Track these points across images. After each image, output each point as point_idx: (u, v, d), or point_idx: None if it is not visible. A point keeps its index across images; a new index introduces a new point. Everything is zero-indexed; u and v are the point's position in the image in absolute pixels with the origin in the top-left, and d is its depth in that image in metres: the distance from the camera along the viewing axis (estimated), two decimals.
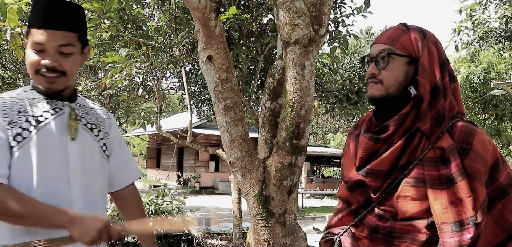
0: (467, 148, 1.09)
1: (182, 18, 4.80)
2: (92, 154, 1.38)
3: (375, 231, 1.18)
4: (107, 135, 1.47)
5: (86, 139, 1.36)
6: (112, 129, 1.51)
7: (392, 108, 1.19)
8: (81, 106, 1.42)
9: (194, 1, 2.04)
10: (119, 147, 1.53)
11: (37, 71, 1.29)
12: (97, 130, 1.42)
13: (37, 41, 1.28)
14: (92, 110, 1.47)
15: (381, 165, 1.16)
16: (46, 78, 1.30)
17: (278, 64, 2.48)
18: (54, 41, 1.28)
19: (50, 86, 1.31)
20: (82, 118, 1.38)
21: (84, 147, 1.34)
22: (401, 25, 1.23)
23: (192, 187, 18.80)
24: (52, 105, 1.33)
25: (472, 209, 1.04)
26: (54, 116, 1.31)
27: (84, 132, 1.36)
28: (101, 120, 1.47)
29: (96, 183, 1.38)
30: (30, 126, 1.26)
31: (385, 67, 1.18)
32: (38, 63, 1.29)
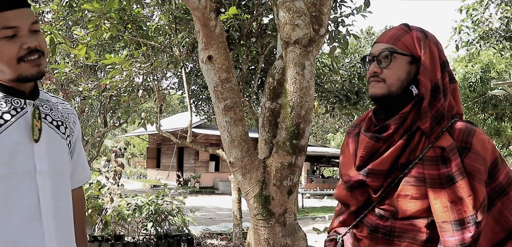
0: (467, 147, 1.10)
1: (182, 18, 4.80)
2: (60, 153, 1.26)
3: (375, 231, 1.18)
4: (72, 132, 1.35)
5: (53, 138, 1.24)
6: (76, 125, 1.39)
7: (393, 107, 1.19)
8: (44, 101, 1.28)
9: (194, 1, 2.04)
10: (79, 146, 1.41)
11: (21, 59, 1.15)
12: (64, 127, 1.30)
13: (10, 25, 1.13)
14: (56, 105, 1.33)
15: (382, 164, 1.17)
16: (32, 62, 1.17)
17: (278, 64, 2.48)
18: (26, 19, 1.16)
19: (39, 69, 1.18)
20: (47, 115, 1.25)
21: (51, 147, 1.22)
22: (403, 25, 1.24)
23: (192, 187, 18.80)
24: (13, 104, 1.18)
25: (473, 208, 1.05)
26: (16, 117, 1.17)
27: (50, 131, 1.24)
28: (66, 115, 1.34)
29: (65, 185, 1.27)
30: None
31: (387, 66, 1.19)
32: (18, 50, 1.14)
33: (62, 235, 1.24)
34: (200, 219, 10.22)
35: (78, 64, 6.38)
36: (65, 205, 1.27)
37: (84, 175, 1.46)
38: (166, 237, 6.40)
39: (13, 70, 1.16)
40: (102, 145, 14.42)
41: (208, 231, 8.66)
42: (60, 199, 1.24)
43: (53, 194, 1.21)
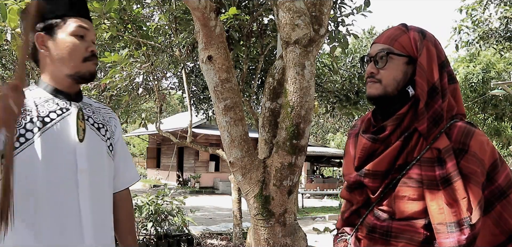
0: (464, 149, 1.09)
1: (182, 18, 4.80)
2: (100, 154, 1.34)
3: (372, 230, 1.18)
4: (113, 134, 1.44)
5: (94, 139, 1.33)
6: (117, 129, 1.48)
7: (390, 107, 1.19)
8: (87, 105, 1.39)
9: (194, 1, 2.04)
10: (122, 148, 1.49)
11: (85, 59, 1.30)
12: (104, 129, 1.39)
13: (83, 26, 1.30)
14: (98, 109, 1.44)
15: (379, 165, 1.17)
16: (93, 62, 1.32)
17: (278, 64, 2.49)
18: (92, 32, 1.34)
19: (94, 70, 1.33)
20: (89, 117, 1.35)
21: (92, 147, 1.31)
22: (401, 25, 1.24)
23: (192, 187, 18.80)
24: (59, 104, 1.29)
25: (467, 210, 1.04)
26: (61, 116, 1.27)
27: (91, 132, 1.33)
28: (107, 119, 1.44)
29: (103, 185, 1.34)
30: (34, 127, 1.21)
31: (383, 67, 1.19)
32: (85, 50, 1.30)
33: (100, 231, 1.30)
34: (200, 219, 10.21)
35: None
36: (103, 204, 1.33)
37: (130, 176, 1.53)
38: (166, 237, 6.40)
39: (76, 66, 1.29)
40: None
41: (208, 231, 8.66)
42: (98, 197, 1.31)
43: (91, 193, 1.28)
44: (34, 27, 1.30)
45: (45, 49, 1.29)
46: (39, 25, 1.29)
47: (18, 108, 1.01)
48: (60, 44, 1.28)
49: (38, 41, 1.29)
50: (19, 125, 1.20)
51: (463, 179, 1.07)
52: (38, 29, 1.29)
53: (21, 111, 1.03)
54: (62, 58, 1.28)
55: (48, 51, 1.29)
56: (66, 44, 1.28)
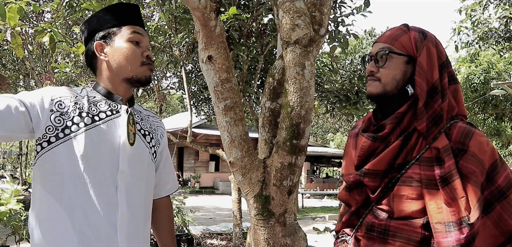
0: (463, 149, 1.09)
1: (182, 18, 4.80)
2: (142, 160, 1.37)
3: (371, 229, 1.18)
4: (159, 143, 1.48)
5: (139, 144, 1.37)
6: (163, 138, 1.52)
7: (390, 107, 1.19)
8: (137, 111, 1.44)
9: (194, 1, 2.04)
10: (166, 158, 1.54)
11: (142, 63, 1.36)
12: (150, 137, 1.43)
13: (138, 32, 1.37)
14: (147, 117, 1.48)
15: (378, 165, 1.17)
16: (149, 68, 1.38)
17: (278, 64, 2.48)
18: (146, 38, 1.41)
19: (150, 75, 1.39)
20: (137, 123, 1.39)
21: (135, 152, 1.34)
22: (403, 25, 1.25)
23: (192, 187, 18.81)
24: (111, 106, 1.34)
25: (465, 209, 1.04)
26: (110, 117, 1.32)
27: (137, 138, 1.37)
28: (154, 127, 1.48)
29: (141, 190, 1.37)
30: (81, 122, 1.26)
31: (383, 65, 1.20)
32: (141, 54, 1.36)
33: (133, 233, 1.32)
34: (200, 219, 10.21)
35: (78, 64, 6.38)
36: (139, 207, 1.36)
37: (171, 185, 1.58)
38: None
39: (134, 69, 1.35)
40: None
41: (208, 231, 8.66)
42: (135, 200, 1.33)
43: (128, 194, 1.30)
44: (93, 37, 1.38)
45: (104, 56, 1.36)
46: (98, 34, 1.37)
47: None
48: (117, 50, 1.35)
49: (98, 49, 1.36)
50: (68, 117, 1.25)
51: (462, 179, 1.07)
52: (97, 38, 1.37)
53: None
54: (120, 63, 1.35)
55: (106, 57, 1.36)
56: (123, 50, 1.35)
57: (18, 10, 2.42)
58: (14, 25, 2.53)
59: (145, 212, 1.40)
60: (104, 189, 1.26)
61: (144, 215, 1.39)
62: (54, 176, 1.23)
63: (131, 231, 1.31)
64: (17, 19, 2.44)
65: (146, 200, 1.41)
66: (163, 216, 1.57)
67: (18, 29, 2.60)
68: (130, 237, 1.30)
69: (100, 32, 1.37)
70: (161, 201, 1.56)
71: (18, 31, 2.59)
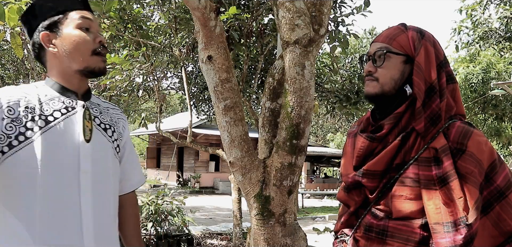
0: (462, 149, 1.09)
1: (182, 18, 4.80)
2: (105, 156, 1.30)
3: (369, 230, 1.18)
4: (121, 136, 1.40)
5: (100, 139, 1.29)
6: (126, 130, 1.44)
7: (389, 107, 1.19)
8: (95, 104, 1.35)
9: (194, 1, 2.04)
10: (129, 150, 1.46)
11: (94, 52, 1.27)
12: (111, 130, 1.35)
13: (87, 17, 1.27)
14: (106, 109, 1.39)
15: (377, 165, 1.17)
16: (102, 57, 1.28)
17: (278, 64, 2.48)
18: (96, 22, 1.31)
19: (104, 65, 1.30)
20: (95, 117, 1.31)
21: (97, 148, 1.26)
22: (401, 25, 1.24)
23: (192, 187, 18.80)
24: (65, 103, 1.25)
25: (463, 209, 1.04)
26: (65, 115, 1.23)
27: (97, 133, 1.29)
28: (115, 120, 1.40)
29: (107, 187, 1.30)
30: (35, 126, 1.17)
31: (381, 65, 1.20)
32: (92, 42, 1.27)
33: (101, 234, 1.26)
34: (200, 219, 10.21)
35: None
36: (105, 206, 1.29)
37: (136, 180, 1.50)
38: (166, 237, 6.40)
39: (85, 61, 1.26)
40: None
41: (208, 231, 8.66)
42: (101, 200, 1.27)
43: (94, 194, 1.24)
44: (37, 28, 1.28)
45: (53, 47, 1.27)
46: (42, 24, 1.27)
47: None
48: (66, 39, 1.25)
49: (44, 40, 1.26)
50: (20, 123, 1.16)
51: (460, 179, 1.06)
52: (42, 29, 1.27)
53: None
54: (70, 53, 1.25)
55: (55, 49, 1.27)
56: (73, 38, 1.25)
57: (17, 10, 2.42)
58: (14, 26, 2.52)
59: (113, 211, 1.34)
60: (66, 193, 1.19)
61: (112, 214, 1.33)
62: (10, 189, 1.15)
63: (98, 234, 1.24)
64: (17, 20, 2.44)
65: (114, 198, 1.34)
66: (129, 214, 1.46)
67: (17, 30, 2.59)
68: (98, 240, 1.24)
69: (45, 21, 1.26)
70: (125, 198, 1.45)
71: (17, 31, 2.59)
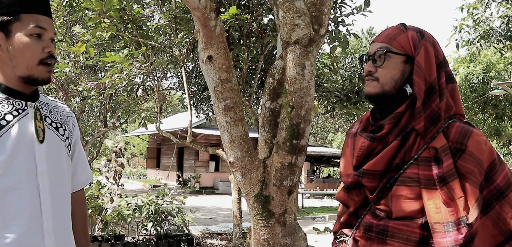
0: (461, 148, 1.09)
1: (182, 18, 4.80)
2: (59, 155, 1.28)
3: (369, 230, 1.18)
4: (71, 134, 1.38)
5: (53, 139, 1.27)
6: (75, 128, 1.43)
7: (389, 106, 1.19)
8: (44, 104, 1.33)
9: (194, 1, 2.04)
10: (79, 148, 1.44)
11: (41, 61, 1.22)
12: (63, 129, 1.33)
13: (42, 25, 1.22)
14: (56, 108, 1.37)
15: (377, 165, 1.16)
16: (48, 67, 1.23)
17: (278, 64, 2.48)
18: (51, 28, 1.25)
19: (49, 76, 1.25)
20: (46, 117, 1.29)
21: (51, 148, 1.25)
22: (400, 25, 1.25)
23: (192, 187, 18.80)
24: (14, 105, 1.22)
25: (463, 209, 1.04)
26: (17, 118, 1.20)
27: (50, 132, 1.27)
28: (64, 118, 1.38)
29: (63, 186, 1.29)
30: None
31: (381, 65, 1.20)
32: (41, 51, 1.21)
33: (60, 234, 1.26)
34: (200, 219, 10.21)
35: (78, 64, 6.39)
36: (63, 206, 1.29)
37: (85, 177, 1.49)
38: (166, 237, 6.40)
39: (29, 69, 1.22)
40: (102, 145, 14.42)
41: (208, 231, 8.66)
42: (59, 200, 1.26)
43: (52, 194, 1.23)
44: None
45: (0, 49, 1.22)
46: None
47: None
48: (14, 44, 1.20)
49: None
50: None
51: (460, 179, 1.06)
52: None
53: None
54: (16, 59, 1.21)
55: (1, 50, 1.22)
56: (21, 44, 1.20)
57: None
58: None
59: (69, 209, 1.33)
60: (26, 196, 1.17)
61: (69, 213, 1.32)
62: None
63: (58, 233, 1.24)
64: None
65: (69, 197, 1.33)
66: (77, 213, 1.44)
67: None
68: (58, 240, 1.23)
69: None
70: (75, 195, 1.43)
71: None
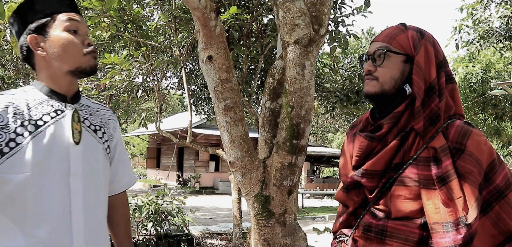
0: (461, 148, 1.09)
1: (182, 18, 4.80)
2: (95, 157, 1.30)
3: (368, 230, 1.18)
4: (111, 137, 1.40)
5: (90, 141, 1.29)
6: (116, 131, 1.45)
7: (388, 106, 1.19)
8: (84, 106, 1.36)
9: (194, 1, 2.04)
10: (120, 151, 1.46)
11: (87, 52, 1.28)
12: (102, 132, 1.35)
13: (75, 19, 1.28)
14: (96, 111, 1.40)
15: (376, 165, 1.16)
16: (94, 54, 1.29)
17: (278, 64, 2.48)
18: (84, 25, 1.31)
19: (95, 63, 1.30)
20: (85, 119, 1.32)
21: (87, 150, 1.27)
22: (400, 24, 1.25)
23: (192, 187, 18.80)
24: (54, 106, 1.26)
25: (463, 209, 1.04)
26: (55, 119, 1.24)
27: (87, 134, 1.29)
28: (105, 120, 1.40)
29: (98, 188, 1.30)
30: (25, 131, 1.18)
31: (381, 64, 1.20)
32: (82, 43, 1.28)
33: (92, 236, 1.27)
34: (200, 219, 10.21)
35: None
36: (96, 208, 1.30)
37: (127, 179, 1.50)
38: (166, 237, 6.39)
39: (76, 61, 1.27)
40: None
41: (208, 231, 8.66)
42: (92, 202, 1.27)
43: (85, 196, 1.24)
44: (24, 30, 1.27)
45: (41, 50, 1.26)
46: (30, 27, 1.26)
47: None
48: (55, 42, 1.25)
49: (32, 43, 1.26)
50: (9, 130, 1.17)
51: (459, 179, 1.06)
52: (30, 31, 1.26)
53: None
54: (60, 56, 1.25)
55: (44, 52, 1.26)
56: (61, 40, 1.25)
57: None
58: None
59: (104, 212, 1.34)
60: (57, 196, 1.19)
61: (102, 215, 1.33)
62: (2, 193, 1.16)
63: (89, 236, 1.25)
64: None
65: (104, 199, 1.34)
66: (120, 215, 1.47)
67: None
68: (89, 241, 1.25)
69: (32, 23, 1.26)
70: (116, 198, 1.46)
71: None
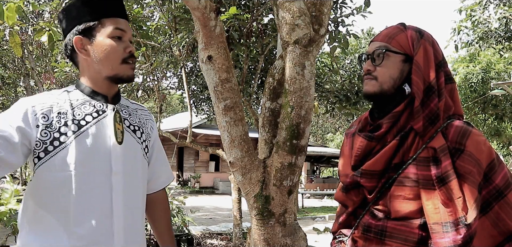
0: (460, 148, 1.09)
1: (182, 18, 4.80)
2: (135, 157, 1.34)
3: (367, 230, 1.18)
4: (149, 137, 1.44)
5: (130, 141, 1.33)
6: (154, 130, 1.48)
7: (387, 105, 1.19)
8: (124, 106, 1.40)
9: (194, 1, 2.04)
10: (158, 149, 1.50)
11: (124, 60, 1.30)
12: (140, 131, 1.39)
13: (121, 27, 1.30)
14: (135, 111, 1.44)
15: (375, 165, 1.16)
16: (130, 65, 1.32)
17: (278, 64, 2.48)
18: (128, 30, 1.34)
19: (133, 73, 1.33)
20: (125, 119, 1.35)
21: (127, 150, 1.31)
22: (400, 24, 1.25)
23: (192, 187, 18.80)
24: (96, 107, 1.30)
25: (462, 209, 1.04)
26: (97, 119, 1.28)
27: (127, 135, 1.33)
28: (143, 121, 1.44)
29: (137, 188, 1.34)
30: (68, 131, 1.22)
31: (380, 64, 1.20)
32: (123, 51, 1.30)
33: (131, 234, 1.30)
34: (200, 219, 10.21)
35: None
36: (135, 206, 1.33)
37: (165, 177, 1.53)
38: None
39: (114, 69, 1.30)
40: None
41: (208, 231, 8.65)
42: (131, 200, 1.31)
43: (125, 195, 1.28)
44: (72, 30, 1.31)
45: (84, 53, 1.30)
46: (77, 28, 1.30)
47: None
48: (98, 47, 1.29)
49: (77, 44, 1.30)
50: (54, 129, 1.21)
51: (459, 179, 1.06)
52: (77, 32, 1.30)
53: None
54: (101, 61, 1.29)
55: (87, 54, 1.30)
56: (105, 46, 1.29)
57: (16, 8, 2.42)
58: (13, 24, 2.52)
59: (142, 211, 1.38)
60: (99, 195, 1.23)
61: (141, 214, 1.37)
62: (46, 191, 1.20)
63: (128, 233, 1.28)
64: (16, 18, 2.43)
65: (142, 198, 1.38)
66: (160, 211, 1.52)
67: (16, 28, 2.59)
68: (128, 241, 1.28)
69: (80, 25, 1.30)
70: (156, 195, 1.51)
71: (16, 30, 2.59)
